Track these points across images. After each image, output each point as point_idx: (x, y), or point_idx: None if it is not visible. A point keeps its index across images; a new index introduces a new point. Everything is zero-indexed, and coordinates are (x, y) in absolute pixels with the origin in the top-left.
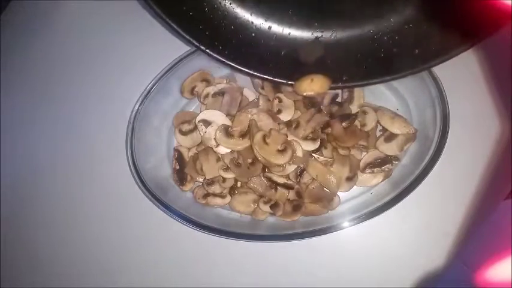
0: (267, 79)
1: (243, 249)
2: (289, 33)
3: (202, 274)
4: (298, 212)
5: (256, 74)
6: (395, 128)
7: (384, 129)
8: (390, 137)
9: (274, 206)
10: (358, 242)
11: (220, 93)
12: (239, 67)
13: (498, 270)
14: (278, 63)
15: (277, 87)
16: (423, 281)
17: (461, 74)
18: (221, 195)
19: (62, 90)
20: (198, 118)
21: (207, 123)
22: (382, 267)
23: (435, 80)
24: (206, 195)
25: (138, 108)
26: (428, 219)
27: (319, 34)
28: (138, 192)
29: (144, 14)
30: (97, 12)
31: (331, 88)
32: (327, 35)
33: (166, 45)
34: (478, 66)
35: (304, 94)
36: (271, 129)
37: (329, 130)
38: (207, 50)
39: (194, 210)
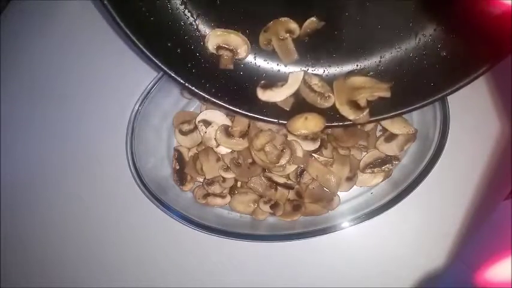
0: (258, 119)
1: (243, 249)
2: (279, 70)
3: (202, 274)
4: (298, 212)
5: (248, 114)
6: (395, 128)
7: (384, 129)
8: (390, 137)
9: (274, 206)
10: (358, 242)
11: None
12: (228, 106)
13: (498, 270)
14: (269, 102)
15: None
16: (423, 281)
17: None
18: (221, 195)
19: (62, 90)
20: (198, 118)
21: (207, 123)
22: (382, 267)
23: None
24: (206, 195)
25: (138, 108)
26: (428, 219)
27: (311, 70)
28: (138, 192)
29: None
30: (97, 12)
31: (325, 127)
32: (319, 71)
33: None
34: None
35: (297, 133)
36: (268, 140)
37: (329, 130)
38: (194, 88)
39: (194, 210)
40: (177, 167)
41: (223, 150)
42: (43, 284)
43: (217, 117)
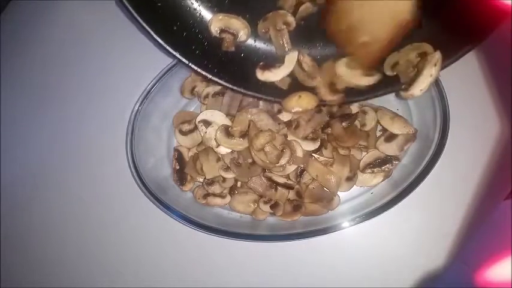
0: (257, 97)
1: (243, 249)
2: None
3: (202, 274)
4: (298, 212)
5: (247, 92)
6: (395, 128)
7: (384, 129)
8: (390, 137)
9: (274, 206)
10: (358, 242)
11: (220, 93)
12: (228, 85)
13: (498, 270)
14: (267, 82)
15: None
16: (423, 281)
17: (461, 74)
18: (221, 195)
19: (62, 90)
20: (199, 118)
21: (207, 123)
22: (382, 267)
23: (435, 80)
24: (206, 195)
25: (138, 108)
26: (429, 219)
27: (306, 52)
28: (138, 192)
29: None
30: (97, 12)
31: (318, 105)
32: (314, 53)
33: None
34: (478, 66)
35: (292, 111)
36: (268, 140)
37: (329, 130)
38: (197, 68)
39: (194, 210)
40: (177, 167)
41: (223, 150)
42: (43, 284)
43: (218, 117)
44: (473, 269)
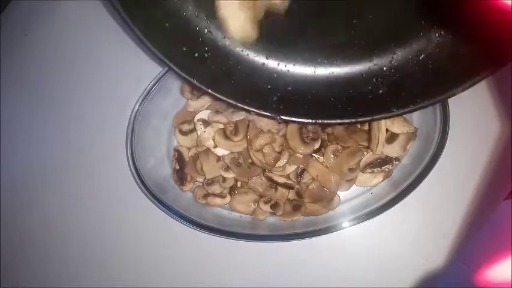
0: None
1: (243, 249)
2: (288, 71)
3: (202, 274)
4: (298, 212)
5: (262, 112)
6: (395, 127)
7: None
8: (391, 138)
9: (274, 205)
10: (358, 242)
11: None
12: (246, 107)
13: (498, 270)
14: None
15: None
16: (423, 281)
17: None
18: (221, 195)
19: (62, 91)
20: (197, 117)
21: (206, 123)
22: (382, 267)
23: None
24: (206, 195)
25: (138, 108)
26: (428, 219)
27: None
28: (138, 192)
29: None
30: (97, 12)
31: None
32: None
33: None
34: None
35: None
36: (268, 142)
37: (329, 130)
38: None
39: (194, 210)
40: (177, 167)
41: (220, 151)
42: (43, 284)
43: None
44: (473, 269)
